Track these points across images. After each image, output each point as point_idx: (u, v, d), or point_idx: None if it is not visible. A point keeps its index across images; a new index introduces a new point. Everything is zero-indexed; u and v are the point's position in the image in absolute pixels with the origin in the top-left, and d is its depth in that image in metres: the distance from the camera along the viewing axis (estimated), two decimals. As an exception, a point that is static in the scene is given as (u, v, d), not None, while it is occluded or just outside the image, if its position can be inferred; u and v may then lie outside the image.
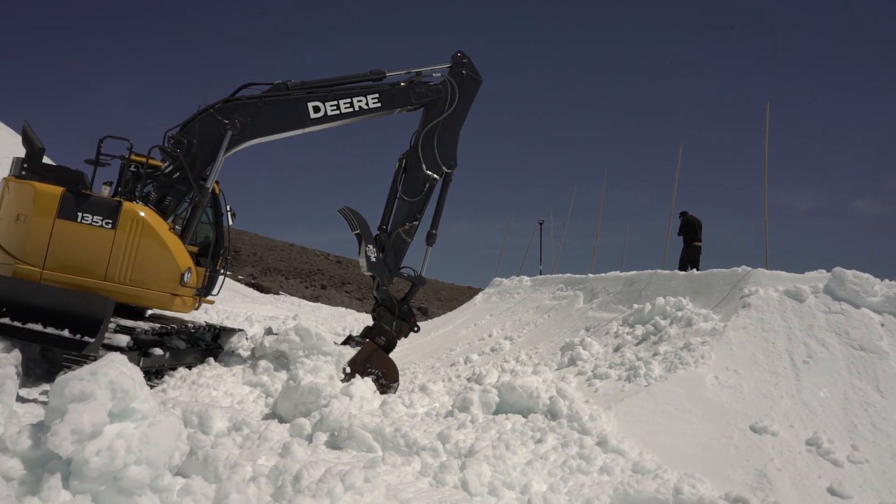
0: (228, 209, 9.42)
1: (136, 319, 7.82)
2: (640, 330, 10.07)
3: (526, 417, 7.04)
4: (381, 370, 8.74)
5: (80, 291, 7.31)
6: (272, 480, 4.53)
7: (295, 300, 40.82)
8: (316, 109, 8.96)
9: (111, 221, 7.67)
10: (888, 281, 9.23)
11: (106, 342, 6.98)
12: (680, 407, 7.32)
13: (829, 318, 8.76)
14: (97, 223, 7.65)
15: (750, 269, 10.25)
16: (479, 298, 19.48)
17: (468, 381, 9.15)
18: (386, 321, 9.37)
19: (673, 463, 6.09)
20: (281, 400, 7.15)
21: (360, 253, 9.22)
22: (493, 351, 12.41)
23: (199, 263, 8.73)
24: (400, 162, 9.59)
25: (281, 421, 6.76)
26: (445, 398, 8.20)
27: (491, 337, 13.76)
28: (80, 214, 7.62)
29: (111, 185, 8.26)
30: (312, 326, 8.59)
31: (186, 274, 8.14)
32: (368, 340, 9.19)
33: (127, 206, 7.80)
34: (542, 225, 23.03)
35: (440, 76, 9.56)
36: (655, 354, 8.74)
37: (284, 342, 8.38)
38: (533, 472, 5.51)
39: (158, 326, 7.87)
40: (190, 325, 8.86)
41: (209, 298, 9.27)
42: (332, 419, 6.27)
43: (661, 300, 10.48)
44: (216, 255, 9.26)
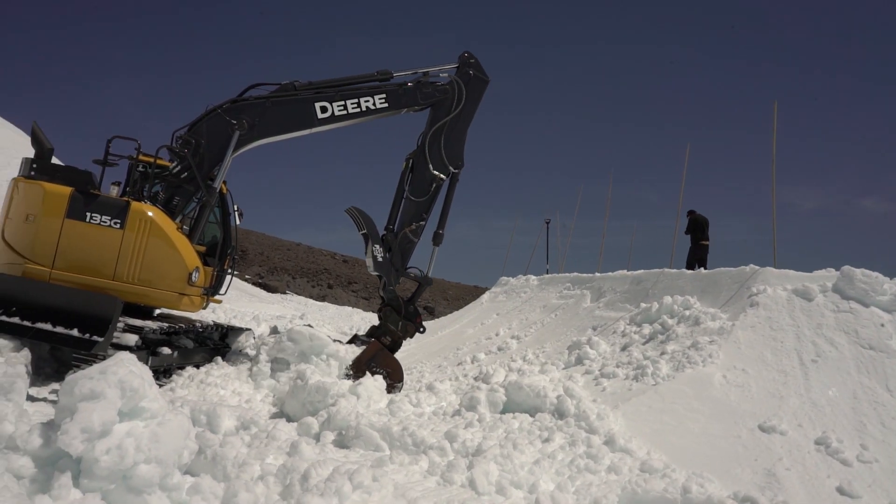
0: (236, 209, 9.44)
1: (144, 319, 7.86)
2: (647, 329, 10.04)
3: (533, 416, 7.03)
4: (385, 369, 8.75)
5: (88, 291, 7.36)
6: (280, 479, 4.54)
7: (302, 299, 40.90)
8: (323, 110, 8.98)
9: (119, 221, 7.72)
10: (897, 279, 9.18)
11: (115, 341, 7.03)
12: (688, 406, 7.30)
13: (837, 316, 8.71)
14: (106, 223, 7.69)
15: (758, 267, 10.20)
16: (485, 297, 19.47)
17: (475, 380, 9.15)
18: (392, 321, 9.38)
19: (681, 462, 6.08)
20: (288, 399, 7.18)
21: (366, 253, 9.23)
22: (499, 350, 12.40)
23: (206, 263, 8.76)
24: (407, 162, 9.59)
25: (289, 420, 6.79)
26: (452, 397, 8.21)
27: (498, 336, 13.75)
28: (88, 214, 7.67)
29: (119, 185, 8.32)
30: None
31: (194, 273, 8.17)
32: (374, 340, 9.20)
33: (135, 205, 7.85)
34: (548, 224, 23.07)
35: (447, 76, 9.54)
36: (663, 353, 8.72)
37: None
38: (540, 471, 5.51)
39: (167, 326, 7.92)
40: (198, 324, 8.90)
41: (217, 298, 9.31)
42: (339, 418, 6.29)
43: (668, 299, 10.44)
44: (224, 254, 9.30)
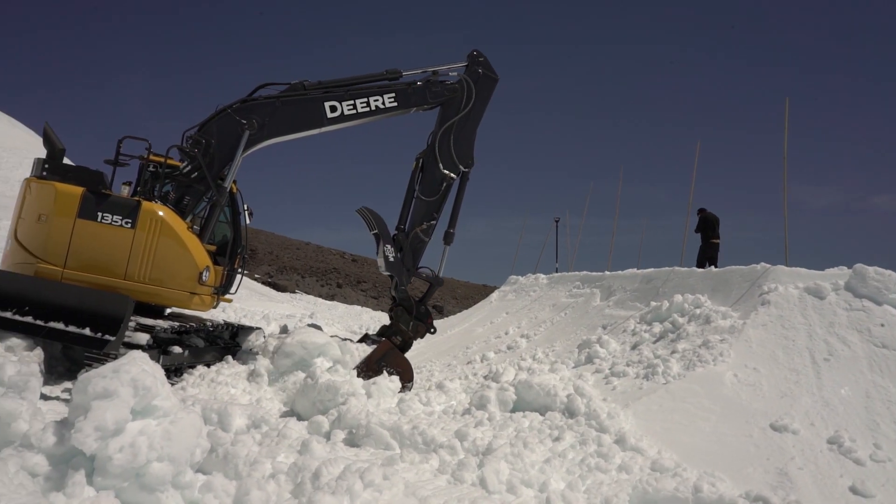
0: (245, 208, 9.48)
1: (155, 318, 7.90)
2: (657, 327, 9.99)
3: (543, 415, 7.02)
4: (396, 369, 8.76)
5: (100, 290, 7.40)
6: (291, 477, 4.55)
7: (311, 298, 40.98)
8: (332, 109, 8.99)
9: (131, 221, 7.76)
10: (911, 277, 9.09)
11: (126, 340, 7.07)
12: (699, 405, 7.26)
13: (850, 315, 8.65)
14: (117, 223, 7.74)
15: (769, 266, 10.13)
16: (495, 296, 19.45)
17: (485, 378, 9.14)
18: (403, 321, 9.38)
19: (692, 461, 6.05)
20: (299, 398, 7.20)
21: (378, 253, 9.24)
22: (509, 349, 12.39)
23: (217, 262, 8.80)
24: (417, 161, 9.60)
25: (299, 418, 6.81)
26: (462, 396, 8.21)
27: (507, 335, 13.73)
28: (100, 214, 7.72)
29: (130, 184, 8.36)
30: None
31: (205, 272, 8.21)
32: (385, 339, 9.22)
33: (146, 205, 7.89)
34: (557, 222, 22.96)
35: (456, 75, 9.54)
36: (674, 352, 8.69)
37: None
38: (551, 469, 5.50)
39: (178, 325, 7.95)
40: (208, 323, 8.93)
41: (227, 297, 9.34)
42: (349, 417, 6.30)
43: (678, 297, 10.39)
44: (234, 253, 9.34)
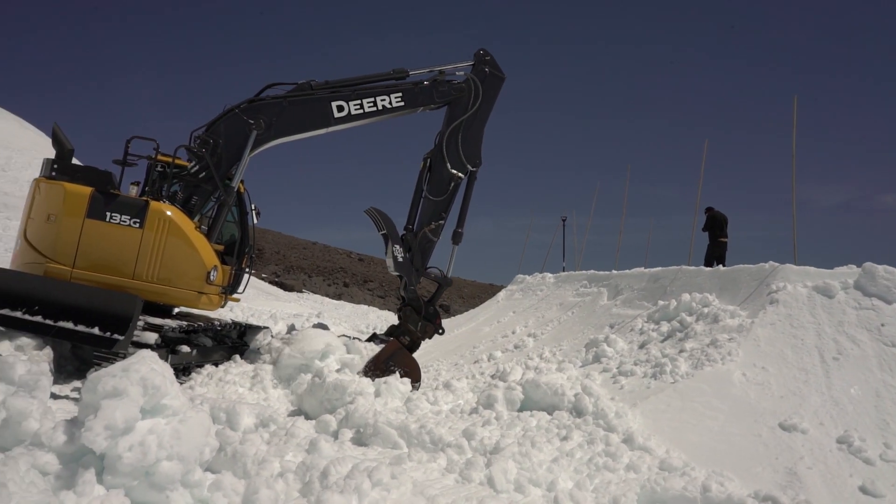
0: (253, 208, 9.51)
1: (163, 317, 7.94)
2: (665, 326, 9.97)
3: (551, 414, 7.01)
4: (403, 369, 8.77)
5: (109, 290, 7.44)
6: (300, 476, 4.56)
7: (318, 298, 41.06)
8: (339, 109, 9.00)
9: (139, 221, 7.80)
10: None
11: (135, 339, 7.11)
12: (707, 404, 7.24)
13: (859, 313, 8.59)
14: (125, 222, 7.78)
15: (778, 264, 10.08)
16: (501, 295, 19.45)
17: (492, 378, 9.13)
18: (412, 321, 9.38)
19: (700, 461, 6.03)
20: (306, 397, 7.21)
21: (386, 253, 9.23)
22: (516, 348, 12.37)
23: (224, 262, 8.83)
24: (425, 161, 9.59)
25: (307, 418, 6.82)
26: (469, 395, 8.21)
27: (514, 334, 13.73)
28: (108, 214, 7.76)
29: (138, 184, 8.40)
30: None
31: (212, 272, 8.24)
32: (393, 339, 9.22)
33: (154, 205, 7.93)
34: (564, 221, 22.97)
35: (463, 74, 9.53)
36: (682, 351, 8.66)
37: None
38: (559, 469, 5.49)
39: (186, 324, 7.98)
40: (216, 322, 8.96)
41: (235, 296, 9.38)
42: (357, 416, 6.31)
43: (686, 296, 10.35)
44: (241, 253, 9.37)
